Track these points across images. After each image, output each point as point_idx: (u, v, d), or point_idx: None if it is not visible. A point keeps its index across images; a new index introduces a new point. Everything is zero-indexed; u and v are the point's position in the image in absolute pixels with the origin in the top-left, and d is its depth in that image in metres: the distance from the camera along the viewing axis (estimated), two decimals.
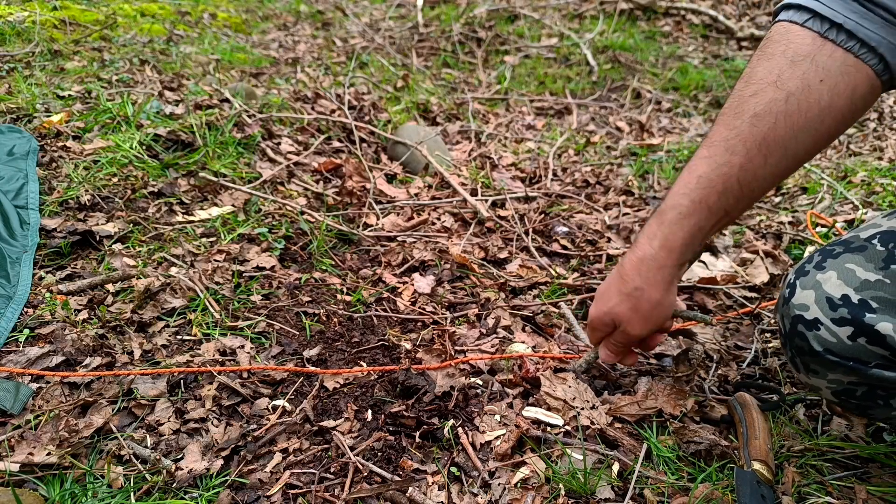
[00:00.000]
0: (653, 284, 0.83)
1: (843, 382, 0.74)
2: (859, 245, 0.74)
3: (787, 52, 0.73)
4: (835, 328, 0.71)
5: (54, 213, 1.37)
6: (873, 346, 0.69)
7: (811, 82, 0.71)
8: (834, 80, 0.71)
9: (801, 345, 0.75)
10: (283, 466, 0.85)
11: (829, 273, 0.73)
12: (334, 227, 1.48)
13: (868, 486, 0.81)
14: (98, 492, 0.78)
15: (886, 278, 0.70)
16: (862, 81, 0.71)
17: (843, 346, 0.71)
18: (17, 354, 1.00)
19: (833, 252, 0.75)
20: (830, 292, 0.72)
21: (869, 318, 0.68)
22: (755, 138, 0.74)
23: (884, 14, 0.69)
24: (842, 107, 0.72)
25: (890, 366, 0.69)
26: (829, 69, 0.71)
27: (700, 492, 0.78)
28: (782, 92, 0.72)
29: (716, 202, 0.77)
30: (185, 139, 1.69)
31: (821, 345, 0.72)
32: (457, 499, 0.80)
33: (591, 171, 2.00)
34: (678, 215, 0.80)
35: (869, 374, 0.70)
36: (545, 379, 0.98)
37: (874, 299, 0.69)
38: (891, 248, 0.72)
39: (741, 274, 1.40)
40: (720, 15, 3.69)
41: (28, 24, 2.34)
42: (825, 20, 0.71)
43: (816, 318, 0.72)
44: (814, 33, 0.72)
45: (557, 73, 3.04)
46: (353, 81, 2.51)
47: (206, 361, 1.03)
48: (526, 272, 1.39)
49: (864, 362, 0.70)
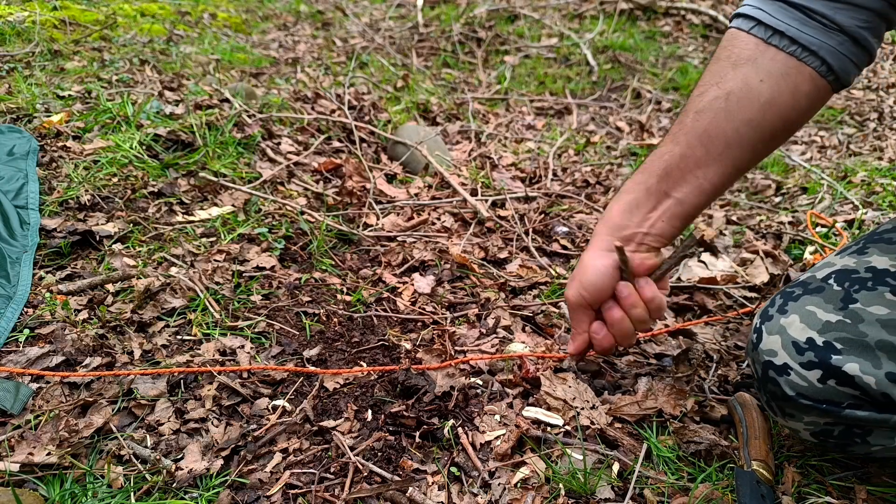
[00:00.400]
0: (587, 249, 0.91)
1: (820, 424, 0.75)
2: (817, 286, 0.77)
3: (731, 56, 0.81)
4: (804, 372, 0.72)
5: (54, 213, 1.37)
6: (843, 387, 0.70)
7: (751, 82, 0.78)
8: (775, 80, 0.77)
9: (773, 390, 0.77)
10: (283, 466, 0.85)
11: (791, 317, 0.75)
12: (334, 227, 1.48)
13: (868, 486, 0.81)
14: (98, 492, 0.78)
15: (847, 318, 0.72)
16: (803, 81, 0.78)
17: (815, 389, 0.72)
18: (17, 354, 1.00)
19: (793, 294, 0.78)
20: (795, 336, 0.74)
21: (835, 360, 0.70)
22: (696, 131, 0.81)
23: (822, 20, 0.75)
24: (783, 103, 0.78)
25: (862, 405, 0.71)
26: (771, 70, 0.78)
27: (700, 492, 0.78)
28: (723, 90, 0.80)
29: (655, 185, 0.85)
30: (185, 139, 1.69)
31: (793, 389, 0.74)
32: (457, 499, 0.80)
33: (591, 171, 2.00)
34: (620, 192, 0.90)
35: (843, 416, 0.72)
36: (545, 379, 0.98)
37: (838, 340, 0.71)
38: (847, 288, 0.75)
39: (741, 274, 1.40)
40: (720, 15, 3.69)
41: (28, 24, 2.34)
42: (768, 27, 0.78)
43: (785, 363, 0.74)
44: (757, 39, 0.79)
45: (557, 73, 3.04)
46: (353, 81, 2.51)
47: (206, 361, 1.03)
48: (526, 272, 1.39)
49: (837, 403, 0.72)
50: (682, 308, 1.28)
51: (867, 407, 0.71)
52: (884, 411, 0.70)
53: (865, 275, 0.76)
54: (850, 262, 0.79)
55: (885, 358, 0.69)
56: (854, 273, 0.77)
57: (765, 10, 0.79)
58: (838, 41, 0.76)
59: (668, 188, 0.85)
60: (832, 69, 0.77)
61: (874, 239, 0.82)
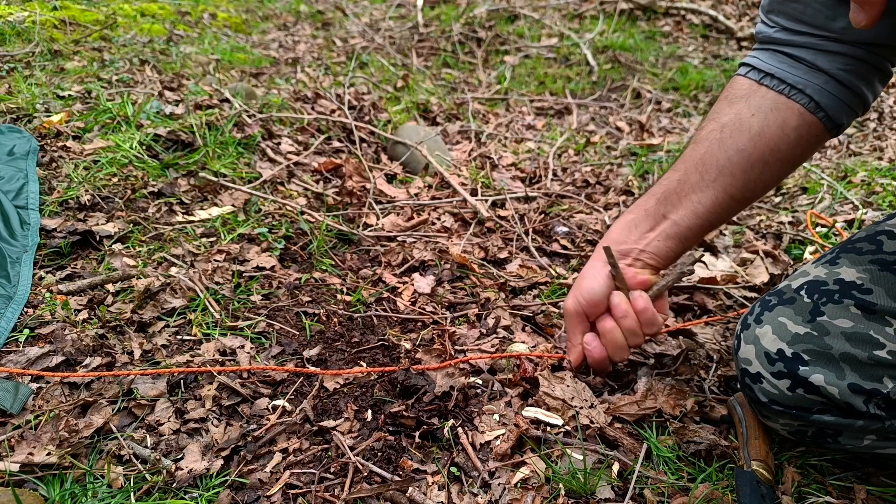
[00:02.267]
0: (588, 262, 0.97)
1: (794, 425, 0.80)
2: (790, 297, 0.81)
3: (729, 96, 0.91)
4: (775, 381, 0.77)
5: (54, 213, 1.37)
6: (811, 395, 0.75)
7: (743, 116, 0.87)
8: (764, 114, 0.86)
9: (750, 395, 0.82)
10: (283, 466, 0.85)
11: (765, 327, 0.80)
12: (334, 227, 1.48)
13: (868, 486, 0.81)
14: (98, 492, 0.78)
15: (814, 331, 0.76)
16: (791, 116, 0.85)
17: (785, 397, 0.77)
18: (17, 354, 1.00)
19: (769, 304, 0.82)
20: (767, 347, 0.78)
21: (802, 371, 0.75)
22: (692, 158, 0.90)
23: (806, 64, 0.85)
24: (772, 135, 0.86)
25: (829, 410, 0.76)
26: (761, 106, 0.87)
27: (700, 492, 0.78)
28: (718, 124, 0.89)
29: (653, 206, 0.92)
30: (185, 139, 1.69)
31: (766, 396, 0.79)
32: (457, 499, 0.80)
33: (591, 171, 2.00)
34: (623, 213, 0.96)
35: (812, 420, 0.77)
36: (543, 379, 0.98)
37: (805, 352, 0.76)
38: (815, 300, 0.79)
39: (741, 274, 1.40)
40: (720, 15, 3.69)
41: (28, 24, 2.34)
42: (761, 71, 0.88)
43: (759, 372, 0.79)
44: (752, 81, 0.89)
45: (557, 73, 3.04)
46: (353, 81, 2.51)
47: (206, 361, 1.03)
48: (526, 272, 1.39)
49: (807, 409, 0.77)
50: (682, 308, 1.28)
51: (834, 412, 0.76)
52: (848, 417, 0.75)
53: (833, 287, 0.79)
54: (822, 272, 0.82)
55: (848, 370, 0.73)
56: (823, 285, 0.80)
57: (759, 58, 0.90)
58: (823, 80, 0.84)
59: (666, 210, 0.91)
60: (820, 106, 0.85)
61: (847, 248, 0.85)
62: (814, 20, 0.82)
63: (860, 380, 0.73)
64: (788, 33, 0.86)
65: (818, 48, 0.84)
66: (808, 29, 0.83)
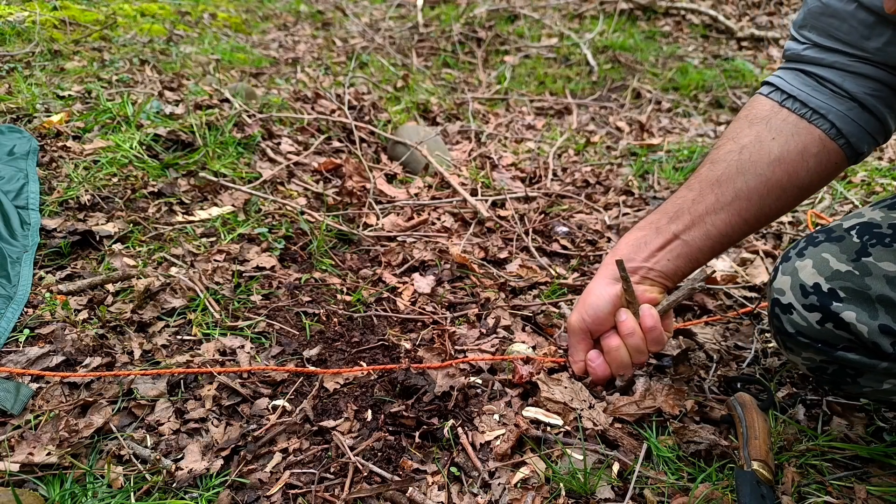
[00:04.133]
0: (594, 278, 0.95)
1: (816, 360, 0.82)
2: (839, 235, 0.81)
3: (749, 116, 0.89)
4: (805, 313, 0.79)
5: (54, 213, 1.37)
6: (839, 331, 0.76)
7: (763, 139, 0.86)
8: (784, 139, 0.84)
9: (778, 325, 0.84)
10: (283, 466, 0.85)
11: (806, 261, 0.80)
12: (334, 227, 1.48)
13: (868, 486, 0.81)
14: (98, 492, 0.78)
15: (856, 270, 0.77)
16: (812, 142, 0.84)
17: (813, 330, 0.79)
18: (18, 354, 1.00)
19: (815, 240, 0.82)
20: (804, 280, 0.79)
21: (835, 307, 0.76)
22: (709, 179, 0.88)
23: (832, 87, 0.83)
24: (792, 161, 0.84)
25: (855, 348, 0.77)
26: (782, 129, 0.85)
27: (700, 492, 0.78)
28: (737, 145, 0.87)
29: (665, 225, 0.90)
30: (185, 139, 1.69)
31: (793, 327, 0.81)
32: (457, 499, 0.80)
33: (591, 171, 2.00)
34: (632, 229, 0.94)
35: (836, 356, 0.78)
36: (542, 383, 0.98)
37: (842, 289, 0.76)
38: (864, 241, 0.79)
39: (741, 274, 1.40)
40: (720, 15, 3.69)
41: (28, 24, 2.34)
42: (783, 92, 0.87)
43: (790, 303, 0.80)
44: (773, 102, 0.88)
45: (557, 73, 3.04)
46: (353, 81, 2.51)
47: (206, 361, 1.03)
48: (526, 272, 1.39)
49: (832, 344, 0.78)
50: (683, 308, 1.28)
51: (859, 351, 0.77)
52: (873, 357, 0.76)
53: (887, 231, 0.79)
54: (878, 215, 0.82)
55: (882, 311, 0.74)
56: (877, 227, 0.80)
57: (783, 78, 0.88)
58: (847, 107, 0.83)
59: (678, 230, 0.89)
60: (841, 133, 0.83)
61: None
62: (848, 37, 0.81)
63: (892, 322, 0.73)
64: (819, 50, 0.84)
65: (847, 69, 0.82)
66: (841, 47, 0.82)
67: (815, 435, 0.91)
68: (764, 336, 1.20)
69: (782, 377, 1.06)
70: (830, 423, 0.94)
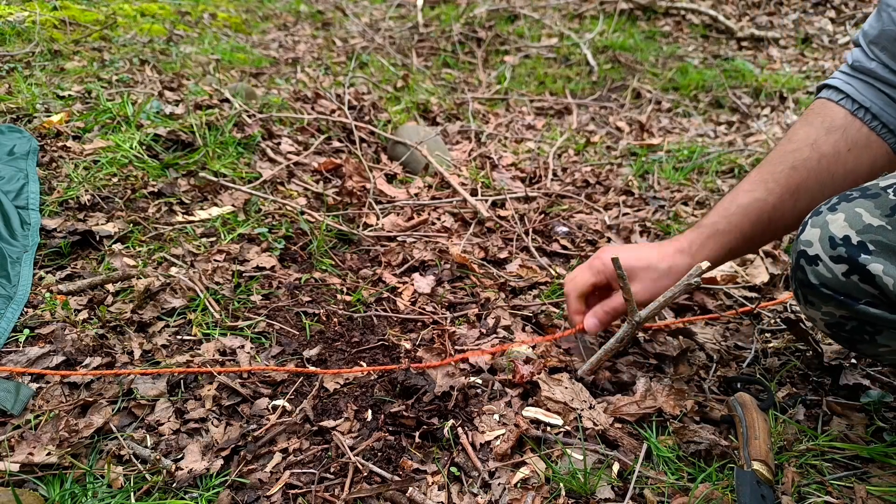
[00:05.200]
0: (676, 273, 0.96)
1: (836, 316, 0.81)
2: (874, 192, 0.80)
3: (825, 122, 0.90)
4: (831, 264, 0.78)
5: (54, 213, 1.37)
6: (864, 285, 0.76)
7: (840, 150, 0.88)
8: (859, 151, 0.87)
9: (801, 277, 0.83)
10: (283, 466, 0.85)
11: (838, 214, 0.79)
12: (334, 227, 1.48)
13: (868, 486, 0.81)
14: (98, 492, 0.78)
15: (889, 225, 0.75)
16: (881, 156, 0.88)
17: (837, 282, 0.78)
18: (18, 354, 1.00)
19: (849, 196, 0.81)
20: (834, 232, 0.78)
21: (863, 259, 0.75)
22: (790, 185, 0.90)
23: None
24: (863, 174, 0.87)
25: (878, 304, 0.76)
26: (857, 141, 0.88)
27: (700, 492, 0.78)
28: (816, 153, 0.89)
29: (749, 229, 0.92)
30: (185, 139, 1.69)
31: (818, 279, 0.80)
32: (457, 499, 0.80)
33: (591, 171, 2.00)
34: (716, 231, 0.95)
35: (857, 309, 0.78)
36: (542, 382, 0.98)
37: (872, 242, 0.75)
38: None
39: (741, 274, 1.40)
40: (720, 15, 3.69)
41: (28, 24, 2.34)
42: (855, 102, 0.88)
43: (817, 254, 0.79)
44: (846, 111, 0.89)
45: (557, 73, 3.04)
46: (353, 81, 2.51)
47: (206, 361, 1.03)
48: (526, 272, 1.39)
49: (855, 298, 0.78)
50: (682, 308, 1.28)
51: (882, 307, 0.76)
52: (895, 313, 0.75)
53: None
54: None
55: None
56: None
57: (853, 86, 0.90)
58: None
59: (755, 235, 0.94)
60: None
61: None
62: None
63: None
64: (889, 72, 0.87)
65: None
66: None
67: (815, 435, 0.91)
68: (764, 336, 1.20)
69: (782, 377, 1.06)
70: (830, 423, 0.94)
